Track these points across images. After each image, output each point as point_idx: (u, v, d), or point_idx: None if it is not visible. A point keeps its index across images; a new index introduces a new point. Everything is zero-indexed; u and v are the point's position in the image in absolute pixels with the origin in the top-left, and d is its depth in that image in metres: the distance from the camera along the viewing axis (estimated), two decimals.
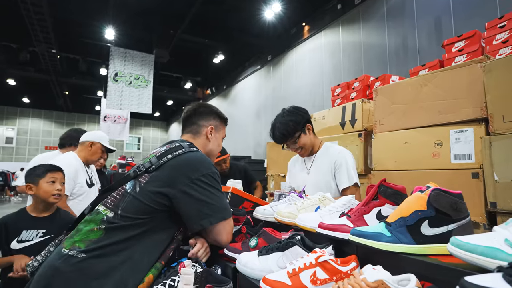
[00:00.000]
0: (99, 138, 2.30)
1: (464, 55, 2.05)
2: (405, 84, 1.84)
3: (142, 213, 1.01)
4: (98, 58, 10.46)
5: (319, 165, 1.78)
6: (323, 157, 1.79)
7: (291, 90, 8.16)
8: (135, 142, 18.86)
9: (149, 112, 9.29)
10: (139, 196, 1.02)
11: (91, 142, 2.26)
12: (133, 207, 1.01)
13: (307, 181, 1.78)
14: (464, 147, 1.55)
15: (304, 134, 1.73)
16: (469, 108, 1.54)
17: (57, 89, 12.74)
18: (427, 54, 5.14)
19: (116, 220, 1.00)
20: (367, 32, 6.43)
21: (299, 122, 1.71)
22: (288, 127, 1.69)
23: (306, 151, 1.79)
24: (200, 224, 1.04)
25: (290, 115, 1.72)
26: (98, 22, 8.46)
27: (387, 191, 0.95)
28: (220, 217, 1.07)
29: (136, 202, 1.02)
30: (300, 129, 1.71)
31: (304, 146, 1.75)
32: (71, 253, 0.94)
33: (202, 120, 1.32)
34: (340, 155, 1.73)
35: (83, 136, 2.32)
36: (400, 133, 1.82)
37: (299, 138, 1.72)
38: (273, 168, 3.19)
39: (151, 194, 1.02)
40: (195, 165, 1.08)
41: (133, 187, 1.06)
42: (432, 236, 0.78)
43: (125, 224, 0.99)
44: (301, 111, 1.77)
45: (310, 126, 1.77)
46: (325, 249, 0.89)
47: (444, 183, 1.56)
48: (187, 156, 1.11)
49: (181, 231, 1.12)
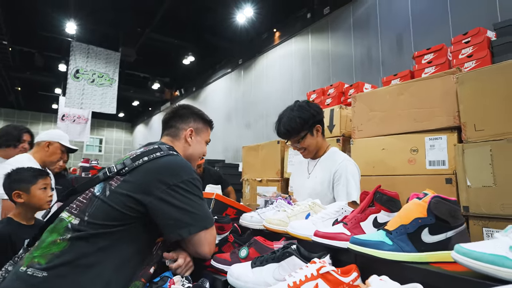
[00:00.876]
0: (57, 137, 2.07)
1: (433, 66, 2.17)
2: (383, 92, 1.90)
3: (112, 220, 0.89)
4: (57, 53, 9.66)
5: (320, 171, 1.62)
6: (325, 162, 1.62)
7: (261, 94, 8.19)
8: (96, 144, 17.71)
9: (113, 112, 8.77)
10: (108, 200, 0.91)
11: (48, 142, 2.02)
12: (102, 212, 0.90)
13: (306, 186, 1.65)
14: (438, 154, 1.62)
15: (311, 135, 1.57)
16: (442, 116, 1.61)
17: (7, 84, 11.57)
18: (389, 66, 5.43)
19: (82, 227, 0.87)
20: (335, 42, 6.65)
21: (308, 120, 1.53)
22: (295, 123, 1.52)
23: (310, 153, 1.63)
24: (178, 234, 0.95)
25: (300, 111, 1.54)
26: (58, 14, 7.83)
27: (382, 197, 0.93)
28: (201, 226, 0.98)
29: (105, 207, 0.90)
30: (308, 128, 1.55)
31: (308, 147, 1.59)
32: (30, 271, 0.80)
33: (181, 122, 1.24)
34: (342, 165, 1.54)
35: (39, 136, 2.08)
36: (378, 139, 1.87)
37: (304, 138, 1.55)
38: (249, 172, 3.14)
39: (122, 198, 0.91)
40: (174, 170, 0.99)
41: (102, 191, 0.94)
42: (432, 244, 0.78)
43: (93, 232, 0.87)
44: (314, 108, 1.57)
45: (319, 128, 1.59)
46: (324, 259, 0.85)
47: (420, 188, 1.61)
48: (165, 160, 1.01)
49: (160, 246, 1.01)
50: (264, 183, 2.95)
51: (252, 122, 8.39)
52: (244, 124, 8.72)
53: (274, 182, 2.86)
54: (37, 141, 2.06)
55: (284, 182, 2.80)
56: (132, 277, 0.89)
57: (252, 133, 8.29)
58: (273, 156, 2.90)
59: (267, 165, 2.94)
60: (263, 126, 7.81)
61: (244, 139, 8.33)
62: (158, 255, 0.98)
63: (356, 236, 0.83)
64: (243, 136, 8.61)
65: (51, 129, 2.23)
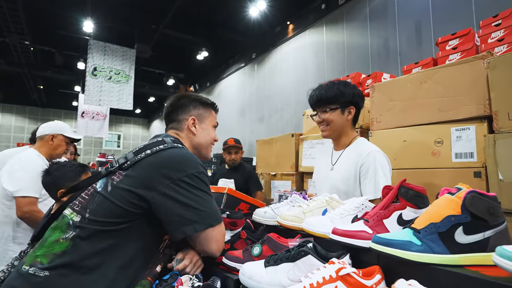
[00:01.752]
0: (59, 129, 2.02)
1: (458, 53, 2.01)
2: (403, 80, 1.77)
3: (114, 217, 0.85)
4: (76, 52, 9.87)
5: (345, 163, 1.47)
6: (351, 154, 1.47)
7: (275, 88, 8.08)
8: (114, 140, 18.12)
9: (130, 108, 8.90)
10: (110, 196, 0.86)
11: (51, 135, 1.98)
12: (103, 209, 0.85)
13: (329, 179, 1.50)
14: (465, 145, 1.49)
15: (341, 112, 1.43)
16: (471, 105, 1.48)
17: (30, 83, 11.95)
18: (408, 56, 5.21)
19: (83, 224, 0.83)
20: (350, 33, 6.44)
21: (346, 95, 1.41)
22: (331, 91, 1.41)
23: (331, 131, 1.47)
24: (182, 231, 0.89)
25: (342, 85, 1.44)
26: (76, 14, 7.97)
27: (408, 192, 0.84)
28: (207, 223, 0.91)
29: (107, 203, 0.86)
30: (341, 103, 1.42)
31: (331, 123, 1.44)
32: (32, 270, 0.77)
33: (182, 113, 1.16)
34: (369, 157, 1.38)
35: (39, 129, 2.02)
36: (398, 131, 1.75)
37: (332, 111, 1.42)
38: (263, 166, 3.07)
39: (124, 194, 0.86)
40: (178, 163, 0.93)
41: (104, 186, 0.90)
42: (467, 245, 0.69)
43: (95, 230, 0.83)
44: (355, 89, 1.46)
45: (352, 110, 1.45)
46: (343, 259, 0.78)
47: (445, 182, 1.50)
48: (168, 153, 0.95)
49: (167, 244, 0.96)
50: (279, 177, 2.88)
51: (266, 116, 8.31)
52: (258, 118, 8.65)
53: (288, 176, 2.78)
54: (40, 135, 2.00)
55: (299, 176, 2.72)
56: (138, 276, 0.85)
57: (266, 128, 8.21)
58: (287, 149, 2.82)
59: (282, 158, 2.86)
60: (277, 120, 7.72)
61: (258, 134, 8.27)
62: (165, 254, 0.93)
63: (379, 235, 0.75)
64: (257, 130, 8.55)
65: (50, 122, 2.13)
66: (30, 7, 7.52)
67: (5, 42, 8.91)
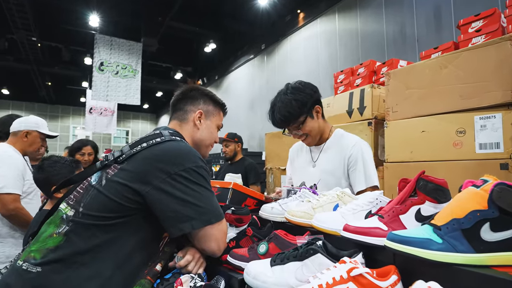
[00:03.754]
0: (35, 125, 1.99)
1: (482, 35, 1.91)
2: (421, 66, 1.69)
3: (109, 211, 0.83)
4: (82, 47, 10.02)
5: (329, 157, 1.48)
6: (334, 147, 1.49)
7: (286, 80, 7.82)
8: (123, 136, 18.43)
9: (137, 103, 8.99)
10: (104, 190, 0.85)
11: (25, 132, 1.96)
12: (98, 203, 0.84)
13: (313, 176, 1.50)
14: (491, 135, 1.41)
15: (310, 118, 1.42)
16: (497, 91, 1.40)
17: (38, 80, 12.24)
18: (426, 42, 5.04)
19: (78, 219, 0.82)
20: (364, 20, 6.29)
21: (306, 102, 1.39)
22: (291, 108, 1.38)
23: (313, 140, 1.49)
24: (179, 228, 0.87)
25: (295, 93, 1.39)
26: (82, 8, 8.06)
27: (427, 185, 0.79)
28: (205, 220, 0.89)
29: (101, 197, 0.85)
30: (306, 111, 1.40)
31: (310, 133, 1.45)
32: (25, 266, 0.77)
33: (190, 104, 1.14)
34: (355, 148, 1.42)
35: (13, 124, 1.98)
36: (417, 121, 1.68)
37: (304, 123, 1.41)
38: (273, 161, 3.04)
39: (118, 188, 0.85)
40: (175, 157, 0.91)
41: (98, 180, 0.89)
42: (495, 243, 0.63)
43: (89, 224, 0.82)
44: (309, 88, 1.43)
45: (319, 108, 1.45)
46: (355, 258, 0.73)
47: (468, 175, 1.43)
48: (165, 146, 0.93)
49: (167, 242, 0.94)
50: None
51: None
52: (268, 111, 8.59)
53: None
54: (13, 130, 1.97)
55: None
56: (137, 275, 0.84)
57: None
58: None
59: None
60: None
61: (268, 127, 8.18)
62: (165, 252, 0.91)
63: (395, 232, 0.71)
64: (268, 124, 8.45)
65: (25, 117, 2.08)
66: (36, 2, 7.64)
67: (13, 39, 9.13)
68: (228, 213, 1.10)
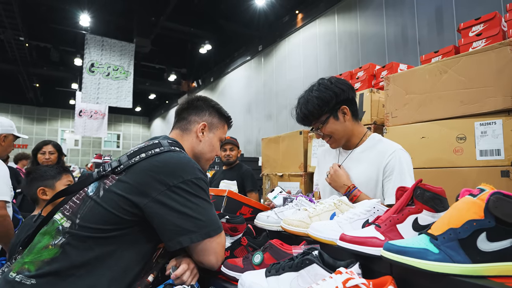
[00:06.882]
0: (10, 128, 2.01)
1: (483, 40, 1.95)
2: (421, 71, 1.73)
3: (106, 223, 0.84)
4: (72, 47, 10.05)
5: (360, 164, 1.37)
6: (367, 153, 1.37)
7: (284, 83, 8.04)
8: (114, 140, 18.36)
9: (129, 106, 8.98)
10: (102, 201, 0.86)
11: (3, 135, 1.97)
12: (95, 215, 0.85)
13: None
14: (491, 142, 1.44)
15: (334, 118, 1.33)
16: (497, 97, 1.43)
17: (26, 81, 12.20)
18: (427, 44, 5.11)
19: (74, 231, 0.83)
20: (364, 21, 6.37)
21: (329, 101, 1.30)
22: (312, 106, 1.30)
23: (337, 142, 1.39)
24: (178, 242, 0.88)
25: (320, 90, 1.31)
26: (72, 7, 8.09)
27: (424, 194, 0.81)
28: (204, 233, 0.90)
29: (98, 208, 0.86)
30: (329, 111, 1.31)
31: (333, 135, 1.36)
32: (18, 278, 0.78)
33: (195, 115, 1.16)
34: (394, 156, 1.29)
35: None
36: (416, 126, 1.71)
37: (325, 124, 1.33)
38: (269, 167, 3.05)
39: (116, 200, 0.86)
40: (174, 168, 0.92)
41: (96, 191, 0.89)
42: (492, 253, 0.65)
43: (85, 236, 0.83)
44: (338, 86, 1.32)
45: (346, 110, 1.34)
46: (352, 269, 0.75)
47: (468, 183, 1.45)
48: (164, 157, 0.94)
49: (161, 253, 0.95)
50: (286, 178, 2.85)
51: (274, 113, 8.28)
52: (266, 115, 8.62)
53: (296, 177, 2.75)
54: None
55: (308, 177, 2.69)
56: (131, 286, 0.85)
57: (275, 125, 8.18)
58: (295, 148, 2.79)
59: (289, 158, 2.84)
60: (286, 117, 7.68)
61: (266, 132, 8.25)
62: (158, 263, 0.92)
63: (391, 242, 0.72)
64: (265, 128, 8.53)
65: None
66: (24, 0, 7.64)
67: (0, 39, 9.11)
68: (223, 222, 1.11)
